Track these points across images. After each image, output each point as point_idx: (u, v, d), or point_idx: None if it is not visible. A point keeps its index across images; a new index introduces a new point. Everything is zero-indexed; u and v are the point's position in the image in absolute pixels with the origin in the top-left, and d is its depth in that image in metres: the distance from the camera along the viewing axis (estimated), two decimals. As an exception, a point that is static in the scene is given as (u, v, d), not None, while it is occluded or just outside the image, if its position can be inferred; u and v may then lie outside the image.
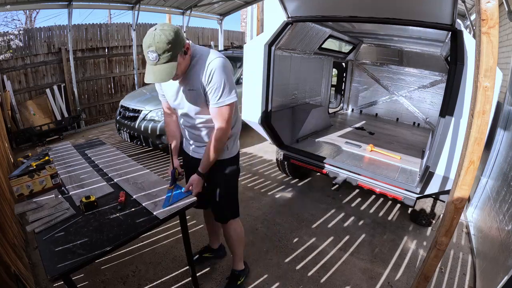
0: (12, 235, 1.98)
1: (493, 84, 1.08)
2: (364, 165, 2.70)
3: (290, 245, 2.41)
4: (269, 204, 3.04)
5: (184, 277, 2.01)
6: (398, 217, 2.89)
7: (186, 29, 7.21)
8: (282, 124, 3.08)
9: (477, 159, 1.17)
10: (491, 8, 0.99)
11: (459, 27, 1.96)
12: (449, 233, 1.32)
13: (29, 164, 1.65)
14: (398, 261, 2.27)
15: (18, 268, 1.68)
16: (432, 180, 2.04)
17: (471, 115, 1.16)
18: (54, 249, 1.15)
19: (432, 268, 1.44)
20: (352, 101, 5.14)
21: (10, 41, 5.03)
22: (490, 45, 1.04)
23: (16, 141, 4.69)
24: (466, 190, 1.23)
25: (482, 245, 2.29)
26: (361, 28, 3.56)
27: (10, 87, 4.82)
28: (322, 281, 2.05)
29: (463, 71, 1.75)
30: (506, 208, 1.94)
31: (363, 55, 4.78)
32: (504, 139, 2.48)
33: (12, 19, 10.69)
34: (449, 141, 1.87)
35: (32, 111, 5.09)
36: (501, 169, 2.34)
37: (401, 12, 2.06)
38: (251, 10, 11.63)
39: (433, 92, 4.24)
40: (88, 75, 6.11)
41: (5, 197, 2.21)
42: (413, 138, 3.73)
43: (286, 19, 2.61)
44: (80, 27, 5.85)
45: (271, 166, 4.00)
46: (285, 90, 3.34)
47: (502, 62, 2.91)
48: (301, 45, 3.28)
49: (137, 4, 5.86)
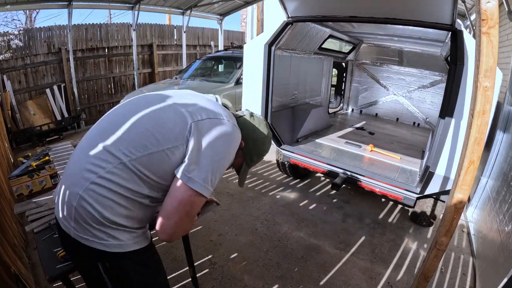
0: (12, 235, 1.98)
1: (493, 84, 1.08)
2: (364, 165, 2.70)
3: (290, 245, 2.41)
4: (269, 204, 3.03)
5: (184, 277, 2.01)
6: (398, 218, 2.89)
7: (186, 29, 7.20)
8: (282, 124, 3.08)
9: (477, 159, 1.17)
10: (491, 8, 0.99)
11: (459, 27, 1.96)
12: (449, 233, 1.32)
13: (29, 164, 1.66)
14: (398, 261, 2.27)
15: (18, 268, 1.67)
16: (432, 180, 2.04)
17: (471, 115, 1.16)
18: (53, 249, 1.15)
19: (432, 268, 1.43)
20: (352, 101, 5.13)
21: (10, 41, 5.02)
22: (490, 45, 1.03)
23: (16, 141, 4.69)
24: (466, 190, 1.23)
25: (482, 245, 2.29)
26: (361, 28, 3.56)
27: (10, 87, 4.82)
28: (322, 281, 2.05)
29: (463, 71, 1.75)
30: (506, 208, 1.94)
31: (363, 55, 4.77)
32: (504, 139, 2.48)
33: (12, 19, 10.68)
34: (449, 141, 1.87)
35: (32, 111, 5.08)
36: (501, 169, 2.34)
37: (401, 12, 2.06)
38: (251, 10, 11.62)
39: (433, 92, 4.24)
40: (88, 75, 6.11)
41: (5, 197, 2.20)
42: (413, 138, 3.73)
43: (286, 19, 2.61)
44: (80, 27, 5.85)
45: (271, 166, 4.00)
46: (285, 90, 3.34)
47: (502, 62, 2.91)
48: (301, 45, 3.28)
49: (137, 4, 5.86)
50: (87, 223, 0.83)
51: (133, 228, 0.89)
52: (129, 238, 0.88)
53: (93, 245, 0.84)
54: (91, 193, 0.82)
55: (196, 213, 0.95)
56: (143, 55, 7.14)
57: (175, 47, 7.88)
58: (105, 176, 0.83)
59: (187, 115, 0.90)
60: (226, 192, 3.24)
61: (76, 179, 0.85)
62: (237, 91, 4.67)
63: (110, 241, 0.85)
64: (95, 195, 0.82)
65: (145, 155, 0.85)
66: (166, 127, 0.88)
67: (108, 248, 0.85)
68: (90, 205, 0.82)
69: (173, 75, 7.18)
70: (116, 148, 0.85)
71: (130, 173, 0.84)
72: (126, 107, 0.98)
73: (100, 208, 0.82)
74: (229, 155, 0.95)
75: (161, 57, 7.55)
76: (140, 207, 0.89)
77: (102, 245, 0.84)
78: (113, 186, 0.83)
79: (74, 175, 0.86)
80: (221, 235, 2.50)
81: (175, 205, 0.87)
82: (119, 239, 0.86)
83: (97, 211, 0.82)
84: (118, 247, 0.86)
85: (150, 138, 0.86)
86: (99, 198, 0.82)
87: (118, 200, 0.84)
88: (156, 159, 0.86)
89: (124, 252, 0.87)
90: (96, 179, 0.83)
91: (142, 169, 0.85)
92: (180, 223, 0.89)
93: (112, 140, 0.86)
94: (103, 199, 0.82)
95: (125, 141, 0.86)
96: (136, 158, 0.84)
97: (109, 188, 0.83)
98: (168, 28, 7.72)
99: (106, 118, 0.97)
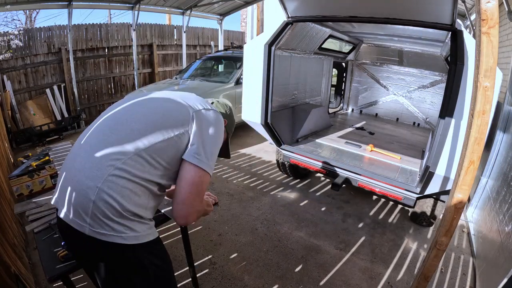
0: (12, 235, 1.98)
1: (493, 84, 1.08)
2: (364, 165, 2.70)
3: (290, 245, 2.41)
4: (269, 204, 3.03)
5: (184, 277, 2.01)
6: (398, 218, 2.89)
7: (186, 29, 7.20)
8: (282, 124, 3.08)
9: (477, 159, 1.17)
10: (491, 8, 0.99)
11: (459, 27, 1.96)
12: (449, 233, 1.32)
13: (29, 164, 1.66)
14: (398, 261, 2.27)
15: (18, 268, 1.67)
16: (432, 180, 2.04)
17: (471, 115, 1.16)
18: (53, 249, 1.15)
19: (432, 268, 1.43)
20: (352, 101, 5.13)
21: (10, 41, 5.03)
22: (490, 45, 1.03)
23: (16, 141, 4.69)
24: (466, 190, 1.23)
25: (482, 245, 2.29)
26: (361, 28, 3.56)
27: (10, 87, 4.82)
28: (322, 281, 2.05)
29: (463, 71, 1.75)
30: (506, 208, 1.94)
31: (363, 55, 4.77)
32: (504, 139, 2.48)
33: (12, 19, 10.68)
34: (449, 141, 1.87)
35: (32, 111, 5.09)
36: (501, 169, 2.34)
37: (401, 12, 2.06)
38: (251, 10, 11.63)
39: (433, 92, 4.24)
40: (88, 75, 6.11)
41: (5, 197, 2.20)
42: (413, 138, 3.73)
43: (286, 19, 2.61)
44: (80, 27, 5.85)
45: (271, 166, 4.00)
46: (285, 90, 3.34)
47: (502, 62, 2.91)
48: (301, 45, 3.28)
49: (137, 4, 5.86)
50: (107, 216, 0.85)
51: (146, 219, 0.95)
52: (144, 229, 0.93)
53: (111, 239, 0.86)
54: (110, 184, 0.85)
55: (205, 191, 1.06)
56: (143, 55, 7.14)
57: (175, 47, 7.88)
58: (122, 167, 0.87)
59: (187, 105, 1.01)
60: (226, 192, 3.24)
61: (91, 173, 0.87)
62: (237, 91, 4.67)
63: (128, 233, 0.88)
64: (115, 186, 0.86)
65: (158, 143, 0.92)
66: (173, 116, 0.98)
67: (126, 241, 0.88)
68: (110, 196, 0.85)
69: (173, 75, 7.18)
70: (130, 140, 0.90)
71: (144, 162, 0.90)
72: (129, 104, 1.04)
73: (120, 198, 0.86)
74: (221, 136, 1.09)
75: (161, 57, 7.55)
76: (151, 196, 0.95)
77: (120, 238, 0.87)
78: (130, 176, 0.87)
79: (88, 169, 0.88)
80: (221, 235, 2.50)
81: (188, 187, 0.96)
82: (136, 231, 0.90)
83: (118, 202, 0.85)
84: (135, 238, 0.90)
85: (161, 127, 0.94)
86: (118, 188, 0.86)
87: (135, 189, 0.89)
88: (168, 146, 0.93)
89: (141, 243, 0.91)
90: (114, 170, 0.86)
91: (156, 157, 0.92)
92: (194, 204, 0.98)
93: (124, 133, 0.92)
94: (122, 189, 0.86)
95: (137, 132, 0.92)
96: (150, 146, 0.90)
97: (127, 178, 0.87)
98: (168, 28, 7.72)
99: (112, 115, 1.01)
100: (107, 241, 0.86)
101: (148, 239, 0.94)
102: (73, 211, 0.88)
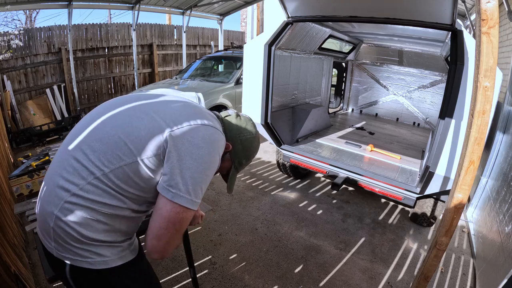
0: (12, 235, 1.98)
1: (493, 84, 1.08)
2: (364, 165, 2.70)
3: (290, 245, 2.41)
4: (269, 204, 3.03)
5: (184, 277, 2.01)
6: (399, 218, 2.89)
7: (186, 29, 7.21)
8: (282, 124, 3.08)
9: (477, 159, 1.17)
10: (491, 8, 0.99)
11: (459, 27, 1.96)
12: (449, 233, 1.32)
13: (29, 164, 1.65)
14: (398, 261, 2.27)
15: (18, 268, 1.67)
16: (432, 180, 2.04)
17: (471, 115, 1.16)
18: (54, 249, 1.14)
19: (432, 268, 1.43)
20: (352, 101, 5.14)
21: (10, 41, 5.03)
22: (490, 45, 1.03)
23: (16, 141, 4.69)
24: (466, 190, 1.23)
25: (482, 245, 2.29)
26: (361, 28, 3.56)
27: (10, 87, 4.82)
28: (322, 281, 2.05)
29: (463, 71, 1.75)
30: (506, 208, 1.94)
31: (363, 55, 4.78)
32: (504, 139, 2.48)
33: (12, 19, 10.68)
34: (449, 141, 1.87)
35: (32, 111, 5.09)
36: (501, 169, 2.34)
37: (401, 12, 2.06)
38: (251, 10, 11.64)
39: (433, 92, 4.24)
40: (88, 75, 6.12)
41: (5, 197, 2.20)
42: (413, 138, 3.73)
43: (286, 19, 2.61)
44: (80, 27, 5.86)
45: (271, 166, 4.00)
46: (285, 90, 3.34)
47: (502, 62, 2.91)
48: (301, 45, 3.28)
49: (137, 4, 5.87)
50: (68, 243, 0.78)
51: (116, 242, 0.84)
52: (114, 253, 0.83)
53: (77, 263, 0.80)
54: (66, 212, 0.77)
55: (186, 226, 0.88)
56: (143, 55, 7.14)
57: (175, 47, 7.88)
58: (79, 193, 0.77)
59: (162, 124, 0.81)
60: (226, 192, 3.24)
61: (50, 197, 0.80)
62: (237, 91, 4.67)
63: (94, 258, 0.80)
64: (71, 214, 0.77)
65: (118, 168, 0.78)
66: (139, 136, 0.79)
67: (93, 266, 0.80)
68: (67, 225, 0.77)
69: (173, 75, 7.18)
70: (88, 161, 0.78)
71: (106, 188, 0.78)
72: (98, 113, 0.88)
73: (78, 227, 0.77)
74: (213, 163, 0.86)
75: (161, 57, 7.56)
76: (121, 220, 0.83)
77: (87, 263, 0.80)
78: (89, 203, 0.77)
79: (49, 192, 0.81)
80: (221, 235, 2.50)
81: (164, 224, 0.80)
82: (104, 255, 0.81)
83: (75, 230, 0.77)
84: (103, 263, 0.81)
85: (123, 148, 0.78)
86: (75, 217, 0.77)
87: (96, 217, 0.78)
88: (132, 171, 0.78)
89: (110, 268, 0.82)
90: (70, 197, 0.77)
91: (119, 183, 0.78)
92: (171, 241, 0.84)
93: (83, 152, 0.79)
94: (80, 218, 0.77)
95: (97, 153, 0.78)
96: (110, 171, 0.77)
97: (85, 205, 0.77)
98: (168, 28, 7.72)
99: (79, 126, 0.88)
100: (74, 265, 0.80)
101: (119, 263, 0.84)
102: (41, 232, 0.84)
